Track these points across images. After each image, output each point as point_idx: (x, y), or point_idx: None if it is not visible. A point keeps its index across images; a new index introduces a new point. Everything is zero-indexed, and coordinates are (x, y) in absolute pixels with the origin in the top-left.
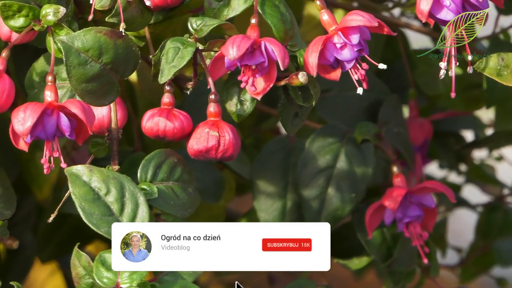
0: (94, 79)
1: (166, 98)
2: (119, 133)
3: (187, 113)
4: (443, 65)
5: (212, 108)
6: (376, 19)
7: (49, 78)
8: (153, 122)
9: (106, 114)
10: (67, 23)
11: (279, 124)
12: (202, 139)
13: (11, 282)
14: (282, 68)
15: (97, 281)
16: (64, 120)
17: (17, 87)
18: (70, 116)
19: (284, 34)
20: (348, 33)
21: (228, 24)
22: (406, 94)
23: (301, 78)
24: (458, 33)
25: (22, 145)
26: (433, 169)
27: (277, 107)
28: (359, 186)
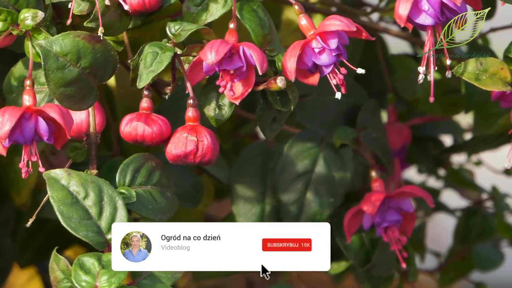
0: (73, 84)
1: (145, 102)
2: (97, 137)
3: (165, 117)
4: (421, 69)
5: (190, 112)
6: (355, 23)
7: (28, 82)
8: (132, 126)
9: (84, 118)
10: (45, 28)
11: (258, 129)
12: (180, 144)
13: None
14: (260, 73)
15: (76, 284)
16: (42, 124)
17: None
18: (49, 120)
19: (263, 39)
20: (326, 38)
21: (207, 29)
22: (385, 99)
23: (280, 83)
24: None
25: (0, 149)
26: (411, 174)
27: (256, 112)
28: (338, 191)
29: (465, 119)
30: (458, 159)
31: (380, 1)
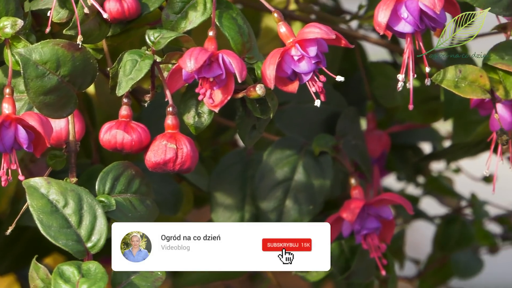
0: (52, 92)
1: (124, 110)
2: (77, 145)
3: (145, 125)
4: (400, 77)
5: (169, 120)
6: (334, 31)
7: (7, 90)
8: (111, 134)
9: (64, 126)
10: (24, 36)
11: (237, 137)
12: (159, 152)
13: None
14: (239, 81)
15: None
16: (22, 133)
17: None
18: (28, 128)
19: (242, 46)
20: (306, 45)
21: (186, 37)
22: (364, 107)
23: (259, 90)
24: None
25: None
26: (391, 181)
27: (235, 119)
28: (317, 198)
29: (444, 127)
30: (437, 166)
31: (359, 8)
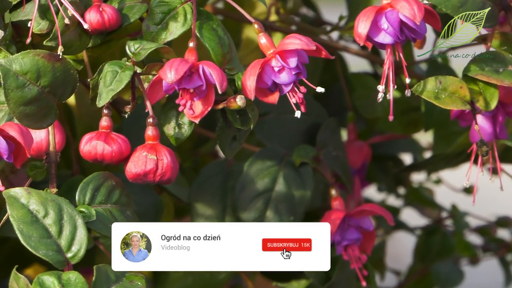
0: (32, 102)
1: (104, 121)
2: (57, 156)
3: (125, 136)
4: (381, 88)
5: (150, 131)
6: (314, 42)
7: None
8: (91, 145)
9: (44, 137)
10: (5, 46)
11: (218, 148)
12: (140, 163)
13: None
14: (220, 92)
15: None
16: (2, 143)
17: None
18: (8, 139)
19: (222, 57)
20: (286, 56)
21: (166, 48)
22: (345, 117)
23: (239, 101)
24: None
25: None
26: (371, 192)
27: (216, 130)
28: (298, 209)
29: (424, 138)
30: (417, 177)
31: (340, 19)
